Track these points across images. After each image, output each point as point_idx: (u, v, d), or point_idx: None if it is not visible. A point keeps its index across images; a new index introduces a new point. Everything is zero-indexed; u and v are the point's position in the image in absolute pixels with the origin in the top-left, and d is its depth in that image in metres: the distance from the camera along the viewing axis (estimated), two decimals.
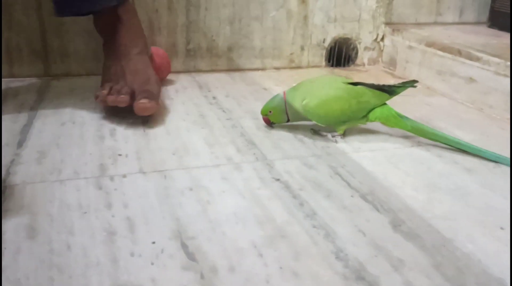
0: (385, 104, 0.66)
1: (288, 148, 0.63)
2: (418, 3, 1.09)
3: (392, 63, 1.05)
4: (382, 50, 1.08)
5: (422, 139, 0.67)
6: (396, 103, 0.74)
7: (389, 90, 0.65)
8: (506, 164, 0.61)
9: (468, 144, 0.63)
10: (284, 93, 0.67)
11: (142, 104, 0.65)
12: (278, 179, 0.54)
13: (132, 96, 0.67)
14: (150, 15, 0.91)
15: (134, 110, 0.66)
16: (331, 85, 0.66)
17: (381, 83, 0.68)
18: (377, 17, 1.06)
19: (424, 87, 0.94)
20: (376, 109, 0.65)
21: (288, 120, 0.68)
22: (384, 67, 1.07)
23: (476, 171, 0.59)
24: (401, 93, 0.66)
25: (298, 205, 0.49)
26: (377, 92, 0.65)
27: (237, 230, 0.44)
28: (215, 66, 0.98)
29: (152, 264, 0.39)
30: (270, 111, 0.68)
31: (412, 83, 0.67)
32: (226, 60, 0.98)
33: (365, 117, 0.66)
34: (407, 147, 0.65)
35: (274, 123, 0.70)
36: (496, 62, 0.79)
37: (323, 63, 1.05)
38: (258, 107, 0.78)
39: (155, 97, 0.68)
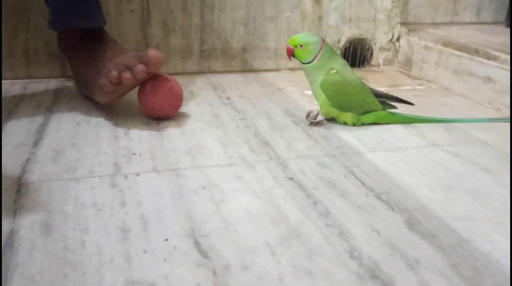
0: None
1: (302, 147, 0.63)
2: (434, 2, 1.08)
3: (407, 63, 1.03)
4: (397, 51, 1.07)
5: (438, 139, 0.67)
6: (416, 102, 0.74)
7: (385, 105, 0.71)
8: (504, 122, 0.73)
9: (460, 119, 0.74)
10: (324, 41, 0.67)
11: (153, 53, 0.64)
12: (291, 178, 0.54)
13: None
14: (165, 16, 0.92)
15: (148, 63, 0.64)
16: (354, 73, 0.69)
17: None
18: (393, 17, 1.05)
19: (441, 87, 0.92)
20: (372, 113, 0.70)
21: (308, 63, 0.67)
22: (399, 67, 1.06)
23: (494, 171, 0.58)
24: (417, 94, 0.67)
25: (312, 204, 0.49)
26: (376, 100, 0.70)
27: (250, 229, 0.44)
28: (229, 67, 0.98)
29: (165, 261, 0.39)
30: (302, 45, 0.66)
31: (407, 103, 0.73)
32: (240, 61, 0.98)
33: (358, 117, 0.70)
34: (423, 147, 0.64)
35: (294, 58, 0.67)
36: None
37: None
38: (272, 107, 0.78)
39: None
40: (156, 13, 0.91)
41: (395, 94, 0.74)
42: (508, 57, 0.79)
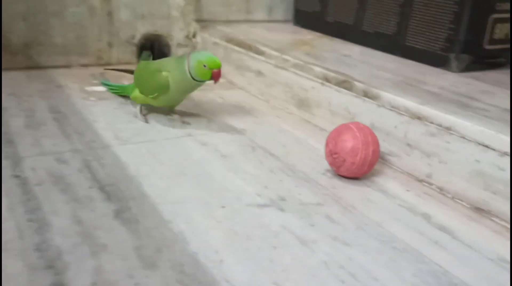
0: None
1: (49, 144, 0.61)
2: (228, 1, 1.13)
3: None
4: (195, 47, 1.10)
5: (196, 130, 0.70)
6: (193, 95, 0.77)
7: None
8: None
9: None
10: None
11: None
12: (18, 176, 0.53)
13: None
14: None
15: None
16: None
17: None
18: (187, 14, 1.08)
19: (227, 82, 0.98)
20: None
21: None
22: None
23: (231, 157, 0.62)
24: (201, 88, 0.70)
25: (25, 200, 0.48)
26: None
27: None
28: (11, 64, 0.93)
29: None
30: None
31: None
32: (23, 57, 0.94)
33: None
34: (177, 137, 0.67)
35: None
36: (275, 56, 0.85)
37: (135, 59, 1.05)
38: (40, 105, 0.75)
39: None
40: None
41: None
42: (272, 52, 0.86)
